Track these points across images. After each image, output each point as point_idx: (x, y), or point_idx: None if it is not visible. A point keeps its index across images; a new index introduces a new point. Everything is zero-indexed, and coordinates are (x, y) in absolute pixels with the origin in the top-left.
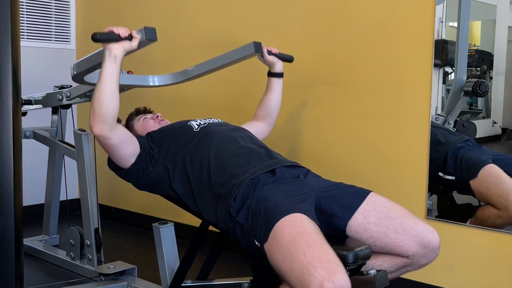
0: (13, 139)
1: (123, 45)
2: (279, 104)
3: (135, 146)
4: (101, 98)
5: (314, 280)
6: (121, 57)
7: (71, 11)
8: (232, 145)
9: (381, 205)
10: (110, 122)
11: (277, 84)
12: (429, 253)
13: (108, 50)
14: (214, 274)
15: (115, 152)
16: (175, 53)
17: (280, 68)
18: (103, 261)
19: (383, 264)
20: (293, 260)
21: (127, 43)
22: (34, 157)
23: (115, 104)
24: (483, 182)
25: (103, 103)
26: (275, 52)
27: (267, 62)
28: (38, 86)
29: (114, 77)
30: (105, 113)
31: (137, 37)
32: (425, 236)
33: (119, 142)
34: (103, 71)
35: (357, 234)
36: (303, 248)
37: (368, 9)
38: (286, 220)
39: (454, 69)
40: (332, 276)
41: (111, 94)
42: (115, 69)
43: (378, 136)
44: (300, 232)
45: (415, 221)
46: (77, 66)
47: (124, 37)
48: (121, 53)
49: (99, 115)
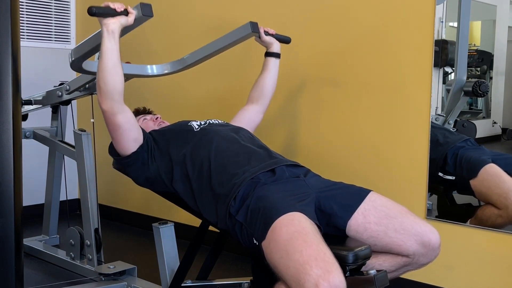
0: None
1: (119, 19)
2: (274, 84)
3: (139, 133)
4: (104, 75)
5: (309, 279)
6: (118, 31)
7: (71, 11)
8: (232, 145)
9: (381, 204)
10: (117, 97)
11: (274, 64)
12: (429, 252)
13: (105, 25)
14: (214, 274)
15: (119, 133)
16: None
17: (278, 48)
18: (103, 261)
19: (383, 264)
20: (290, 258)
21: (124, 18)
22: (34, 157)
23: (119, 79)
24: (483, 182)
25: (107, 79)
26: (272, 32)
27: (264, 42)
28: (38, 86)
29: (114, 52)
30: (111, 89)
31: (133, 12)
32: (425, 235)
33: (125, 122)
34: (103, 48)
35: (357, 234)
36: (299, 246)
37: (368, 9)
38: (284, 218)
39: (454, 69)
40: (328, 276)
41: (114, 70)
42: (114, 44)
43: (378, 136)
44: (298, 231)
45: (415, 220)
46: (75, 51)
47: (120, 12)
48: (118, 28)
49: (105, 92)
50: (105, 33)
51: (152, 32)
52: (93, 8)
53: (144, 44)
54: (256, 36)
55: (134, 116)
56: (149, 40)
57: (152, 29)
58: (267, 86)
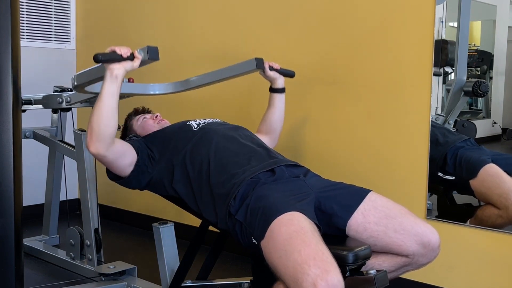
0: (13, 139)
1: (124, 65)
2: (282, 119)
3: (132, 156)
4: (100, 118)
5: (307, 278)
6: (122, 77)
7: (71, 11)
8: (232, 144)
9: (381, 204)
10: (108, 141)
11: (279, 99)
12: (429, 252)
13: (110, 70)
14: (214, 274)
15: (113, 166)
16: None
17: (282, 84)
18: (103, 261)
19: (383, 264)
20: (288, 258)
21: (129, 63)
22: (34, 157)
23: (114, 124)
24: (483, 182)
25: (102, 122)
26: (277, 67)
27: (268, 77)
28: (38, 86)
29: (114, 97)
30: (104, 132)
31: (139, 57)
32: (425, 235)
33: (116, 158)
34: (103, 90)
35: (357, 234)
36: (298, 246)
37: (368, 9)
38: (283, 218)
39: (454, 69)
40: (326, 275)
41: (111, 114)
42: (115, 89)
43: (378, 136)
44: (296, 230)
45: (415, 220)
46: (77, 78)
47: (127, 57)
48: (122, 74)
49: (97, 135)
50: (108, 77)
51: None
52: (99, 55)
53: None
54: (261, 71)
55: (126, 130)
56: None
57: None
58: (275, 121)
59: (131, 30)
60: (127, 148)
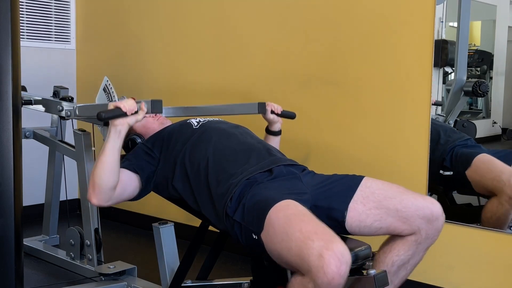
0: (13, 139)
1: (128, 121)
2: None
3: (134, 182)
4: (102, 172)
5: (313, 252)
6: (125, 131)
7: (71, 11)
8: (231, 142)
9: (377, 188)
10: (110, 193)
11: (273, 141)
12: (434, 222)
13: (114, 126)
14: (214, 274)
15: (121, 201)
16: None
17: (279, 127)
18: (103, 261)
19: (400, 253)
20: (290, 238)
21: (133, 118)
22: (34, 157)
23: (115, 178)
24: (477, 170)
25: (104, 176)
26: (278, 111)
27: (268, 120)
28: (38, 86)
29: (116, 151)
30: (106, 185)
31: (144, 110)
32: (427, 208)
33: (119, 198)
34: (107, 145)
35: (361, 222)
36: (298, 225)
37: (368, 9)
38: (279, 205)
39: (454, 69)
40: (331, 245)
41: (112, 168)
42: (118, 143)
43: (378, 136)
44: (294, 213)
45: (413, 195)
46: (80, 110)
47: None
48: (126, 128)
49: (99, 187)
50: (112, 132)
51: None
52: (102, 113)
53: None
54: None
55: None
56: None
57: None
58: None
59: (131, 30)
60: (127, 180)
